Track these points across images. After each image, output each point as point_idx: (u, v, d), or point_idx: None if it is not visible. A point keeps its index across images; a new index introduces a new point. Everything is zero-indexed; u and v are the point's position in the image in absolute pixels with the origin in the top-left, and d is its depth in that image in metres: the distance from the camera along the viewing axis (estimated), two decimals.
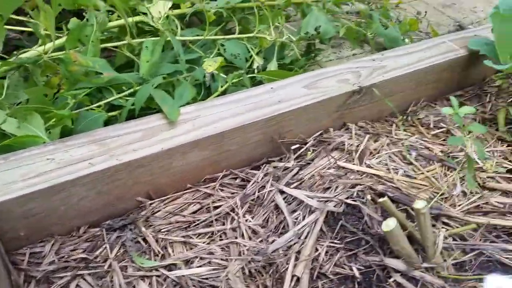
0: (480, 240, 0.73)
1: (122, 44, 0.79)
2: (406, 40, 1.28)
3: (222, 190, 0.76)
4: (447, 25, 1.50)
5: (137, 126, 0.66)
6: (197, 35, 0.87)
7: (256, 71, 0.94)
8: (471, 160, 0.73)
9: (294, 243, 0.69)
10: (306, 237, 0.69)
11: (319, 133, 0.87)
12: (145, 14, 0.80)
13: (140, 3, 0.77)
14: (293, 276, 0.64)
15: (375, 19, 1.17)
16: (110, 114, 0.73)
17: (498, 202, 0.79)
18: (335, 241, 0.70)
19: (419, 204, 0.63)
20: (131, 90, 0.73)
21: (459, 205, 0.78)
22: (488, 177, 0.84)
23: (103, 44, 0.82)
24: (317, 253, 0.68)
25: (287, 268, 0.65)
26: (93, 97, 0.78)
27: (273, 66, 0.97)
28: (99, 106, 0.71)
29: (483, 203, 0.79)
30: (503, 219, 0.77)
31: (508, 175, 0.85)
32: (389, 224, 0.62)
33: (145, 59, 0.73)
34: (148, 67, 0.72)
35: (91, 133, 0.64)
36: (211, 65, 0.74)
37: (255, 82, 0.95)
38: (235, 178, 0.79)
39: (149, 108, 0.75)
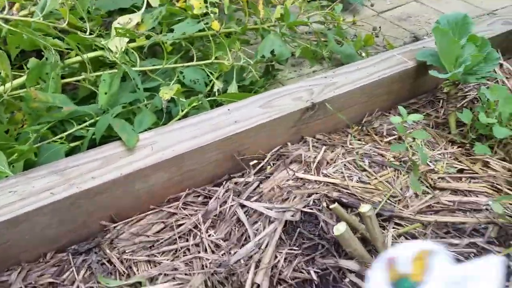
0: (431, 237, 0.78)
1: (82, 78, 0.83)
2: (364, 54, 1.35)
3: (185, 209, 0.80)
4: (403, 37, 1.58)
5: (96, 155, 0.70)
6: (155, 65, 0.92)
7: (216, 94, 0.99)
8: (415, 165, 0.78)
9: (255, 253, 0.72)
10: (266, 246, 0.73)
11: (277, 148, 0.92)
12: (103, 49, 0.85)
13: (95, 41, 0.82)
14: (253, 283, 0.67)
15: (330, 38, 1.24)
16: (73, 144, 0.77)
17: (448, 201, 0.84)
18: (294, 247, 0.74)
19: (364, 208, 0.68)
20: (92, 120, 0.78)
21: (411, 206, 0.83)
22: (439, 178, 0.89)
23: (66, 79, 0.87)
24: (276, 260, 0.71)
25: (248, 276, 0.68)
26: (57, 129, 0.82)
27: (233, 88, 1.02)
28: (61, 138, 0.75)
29: (434, 203, 0.84)
30: (452, 216, 0.81)
31: (458, 175, 0.91)
32: (339, 229, 0.67)
33: (103, 91, 0.77)
34: (106, 98, 0.77)
35: (52, 164, 0.68)
36: (167, 92, 0.78)
37: (217, 104, 1.00)
38: (198, 196, 0.83)
39: (111, 136, 0.79)
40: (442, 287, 0.22)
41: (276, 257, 0.72)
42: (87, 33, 0.84)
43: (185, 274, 0.69)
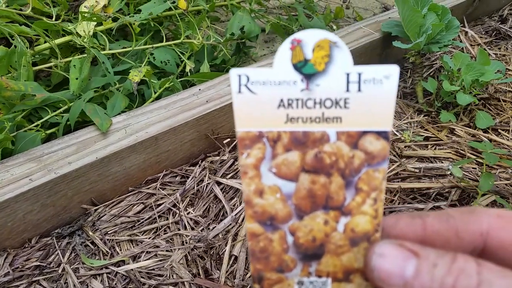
0: (399, 203, 0.82)
1: (54, 65, 0.83)
2: (334, 27, 1.37)
3: (163, 189, 0.83)
4: (374, 8, 1.60)
5: (71, 141, 0.72)
6: (124, 47, 0.92)
7: (189, 74, 1.00)
8: None
9: (232, 227, 0.76)
10: (242, 220, 0.77)
11: None
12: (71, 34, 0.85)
13: (63, 26, 0.82)
14: (231, 255, 0.71)
15: (300, 12, 1.25)
16: (49, 131, 0.78)
17: (414, 168, 0.89)
18: None
19: None
20: (66, 107, 0.79)
21: None
22: (405, 146, 0.94)
23: (39, 66, 0.87)
24: None
25: (226, 249, 0.72)
26: (33, 117, 0.83)
27: (205, 68, 1.03)
28: (37, 126, 0.76)
29: (401, 170, 0.88)
30: (419, 182, 0.86)
31: (424, 142, 0.95)
32: None
33: (74, 76, 0.78)
34: (78, 84, 0.77)
35: (29, 152, 0.69)
36: (136, 75, 0.80)
37: (190, 85, 1.02)
38: (175, 176, 0.85)
39: (86, 121, 0.80)
40: (340, 81, 0.23)
41: None
42: (53, 18, 0.84)
43: (167, 251, 0.73)
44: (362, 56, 1.07)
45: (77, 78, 0.77)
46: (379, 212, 0.25)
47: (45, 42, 0.85)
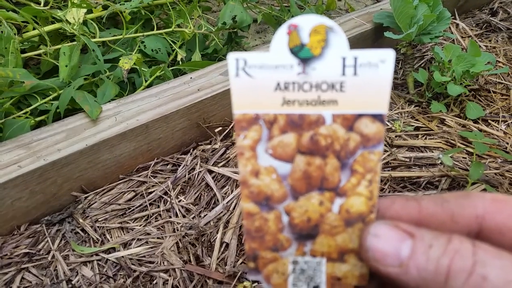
0: (389, 192, 0.83)
1: (43, 52, 0.82)
2: None
3: (154, 177, 0.82)
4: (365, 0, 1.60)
5: (61, 127, 0.71)
6: (115, 35, 0.91)
7: (180, 63, 0.99)
8: None
9: (224, 215, 0.76)
10: (234, 208, 0.77)
11: None
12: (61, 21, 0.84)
13: (52, 13, 0.81)
14: (222, 242, 0.71)
15: (292, 3, 1.25)
16: (38, 119, 0.78)
17: (404, 157, 0.89)
18: None
19: None
20: (55, 94, 0.78)
21: None
22: (396, 136, 0.94)
23: (28, 53, 0.86)
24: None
25: (217, 236, 0.72)
26: (22, 105, 0.82)
27: (197, 57, 1.03)
28: (25, 113, 0.76)
29: (391, 159, 0.89)
30: (409, 171, 0.87)
31: (414, 132, 0.96)
32: None
33: (63, 63, 0.77)
34: (67, 71, 0.76)
35: (17, 139, 0.68)
36: (127, 62, 0.79)
37: (182, 73, 1.01)
38: (167, 164, 0.85)
39: (76, 109, 0.80)
40: (336, 65, 0.23)
41: None
42: (42, 4, 0.83)
43: (158, 238, 0.73)
44: (354, 47, 1.06)
45: (66, 66, 0.77)
46: (374, 193, 0.25)
47: (34, 29, 0.84)
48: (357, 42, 1.07)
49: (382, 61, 0.24)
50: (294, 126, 0.25)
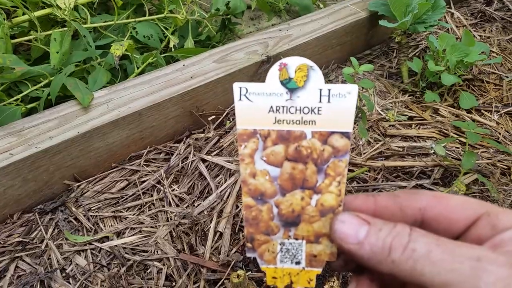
0: (382, 181, 0.83)
1: (33, 38, 0.81)
2: (321, 5, 1.36)
3: (147, 166, 0.82)
4: None
5: (52, 115, 0.70)
6: (106, 21, 0.90)
7: (173, 50, 0.98)
8: (363, 113, 0.82)
9: (217, 204, 0.76)
10: (227, 197, 0.77)
11: None
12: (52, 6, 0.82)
13: None
14: (216, 231, 0.71)
15: None
16: (30, 106, 0.76)
17: (397, 147, 0.89)
18: None
19: None
20: (47, 81, 0.77)
21: (364, 153, 0.88)
22: (389, 125, 0.94)
23: (17, 39, 0.84)
24: (237, 210, 0.75)
25: (211, 226, 0.72)
26: (13, 91, 0.80)
27: (189, 43, 1.02)
28: (16, 100, 0.74)
29: (385, 149, 0.89)
30: (402, 160, 0.87)
31: (408, 122, 0.96)
32: None
33: (54, 50, 0.75)
34: (58, 58, 0.75)
35: (8, 126, 0.67)
36: (118, 48, 0.78)
37: (174, 60, 1.00)
38: (160, 153, 0.84)
39: (67, 96, 0.79)
40: (315, 94, 0.31)
41: (237, 206, 0.76)
42: None
43: (151, 227, 0.72)
44: (348, 35, 1.06)
45: (57, 52, 0.75)
46: (342, 191, 0.33)
47: (23, 14, 0.82)
48: (351, 30, 1.06)
49: (349, 93, 0.31)
50: (283, 139, 0.33)
